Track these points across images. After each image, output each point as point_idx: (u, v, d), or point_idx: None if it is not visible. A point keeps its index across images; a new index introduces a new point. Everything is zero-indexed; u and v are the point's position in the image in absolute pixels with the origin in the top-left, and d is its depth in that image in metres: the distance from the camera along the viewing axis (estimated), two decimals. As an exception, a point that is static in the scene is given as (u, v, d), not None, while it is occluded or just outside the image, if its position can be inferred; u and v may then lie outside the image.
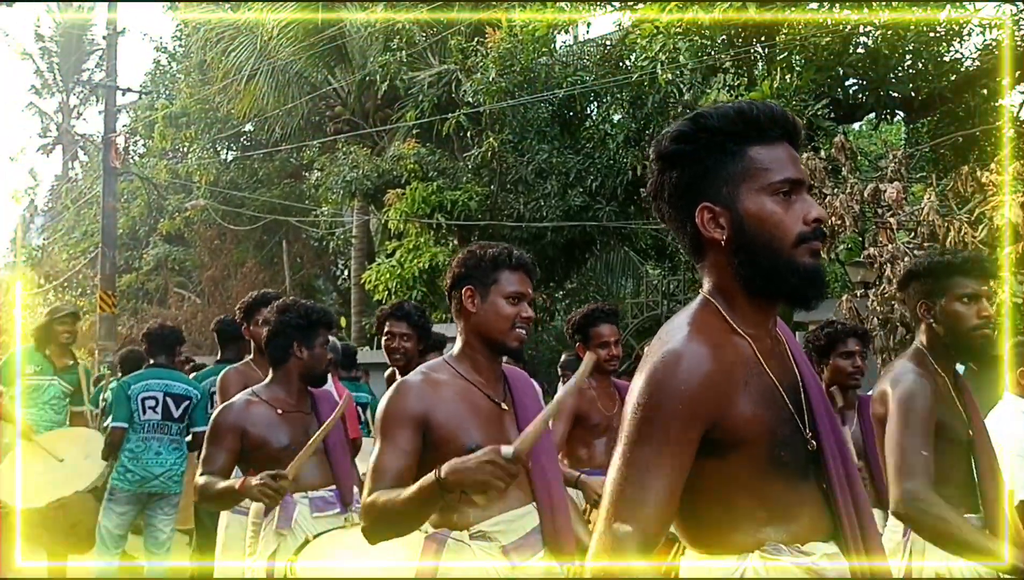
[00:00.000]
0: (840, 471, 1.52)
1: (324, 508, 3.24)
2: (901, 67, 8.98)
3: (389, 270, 11.31)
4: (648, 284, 12.00)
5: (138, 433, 5.17)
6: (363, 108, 15.20)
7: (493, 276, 2.43)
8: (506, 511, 2.34)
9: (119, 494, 5.17)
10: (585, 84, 10.39)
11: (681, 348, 1.42)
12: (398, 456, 2.25)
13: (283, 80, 14.86)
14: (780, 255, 1.43)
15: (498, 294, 2.42)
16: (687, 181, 1.48)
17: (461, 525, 2.30)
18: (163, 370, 5.35)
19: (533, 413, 2.49)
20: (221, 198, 17.44)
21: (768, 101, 1.50)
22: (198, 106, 17.74)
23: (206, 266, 18.57)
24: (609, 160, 10.42)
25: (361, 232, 15.35)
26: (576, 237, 10.85)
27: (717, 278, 1.51)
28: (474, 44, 11.31)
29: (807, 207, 1.44)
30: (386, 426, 2.29)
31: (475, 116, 11.05)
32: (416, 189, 10.99)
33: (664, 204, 1.53)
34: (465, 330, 2.46)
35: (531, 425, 2.07)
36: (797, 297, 1.48)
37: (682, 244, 1.54)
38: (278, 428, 3.26)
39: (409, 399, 2.31)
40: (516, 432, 2.42)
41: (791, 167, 1.45)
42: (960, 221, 6.28)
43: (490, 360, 2.47)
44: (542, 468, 2.45)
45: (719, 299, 1.50)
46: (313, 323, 3.35)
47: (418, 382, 2.36)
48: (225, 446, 3.21)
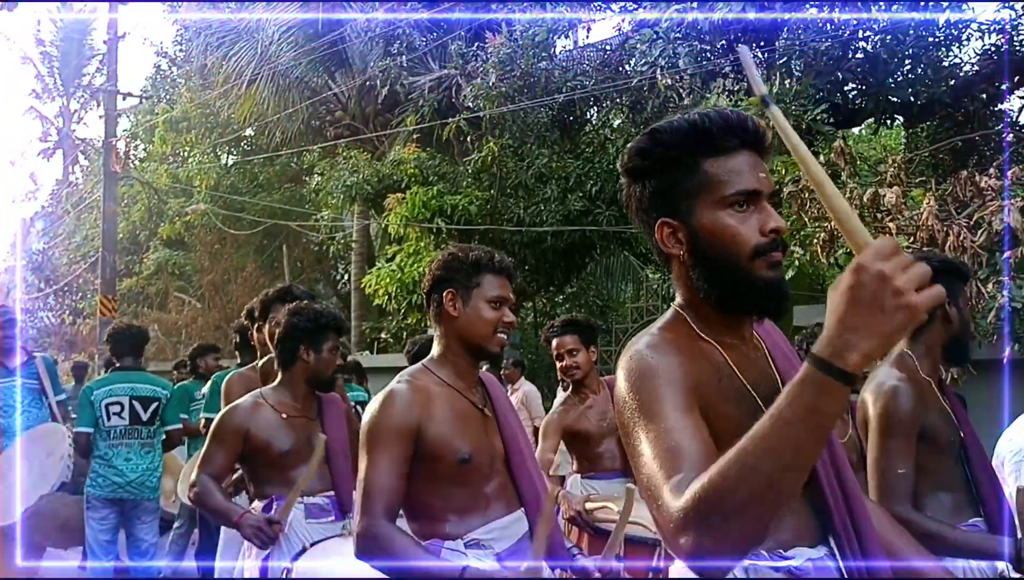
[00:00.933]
0: (830, 473, 1.51)
1: (319, 515, 3.23)
2: (900, 72, 8.99)
3: (389, 274, 11.31)
4: (648, 288, 12.00)
5: (105, 439, 5.05)
6: (363, 113, 15.22)
7: (476, 279, 2.40)
8: (497, 519, 2.34)
9: (94, 500, 5.08)
10: (585, 89, 10.40)
11: (648, 342, 1.44)
12: (390, 472, 2.19)
13: (283, 85, 14.88)
14: (737, 270, 1.41)
15: (480, 298, 2.39)
16: (649, 195, 1.48)
17: (454, 535, 2.28)
18: (129, 373, 5.19)
19: (512, 419, 2.50)
20: (221, 202, 17.45)
21: (726, 109, 1.47)
22: (198, 111, 17.76)
23: (206, 270, 18.57)
24: (609, 165, 10.43)
25: (361, 236, 15.36)
26: (576, 241, 10.86)
27: (683, 290, 1.53)
28: (474, 49, 11.33)
29: (764, 218, 1.41)
30: (376, 439, 2.22)
31: (475, 121, 11.06)
32: (416, 194, 11.00)
33: (635, 217, 1.53)
34: (445, 334, 2.42)
35: (540, 527, 2.15)
36: (759, 310, 1.47)
37: (656, 255, 1.53)
38: (281, 432, 3.26)
39: (399, 410, 2.25)
40: (499, 438, 2.42)
41: (748, 177, 1.42)
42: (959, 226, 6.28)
43: (470, 365, 2.44)
44: (528, 473, 2.44)
45: (688, 311, 1.51)
46: (322, 327, 3.32)
47: (406, 391, 2.30)
48: (227, 446, 3.21)
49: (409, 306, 11.34)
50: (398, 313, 12.23)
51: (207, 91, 17.37)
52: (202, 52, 16.32)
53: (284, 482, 3.22)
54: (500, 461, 2.40)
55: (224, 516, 3.17)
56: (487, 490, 2.34)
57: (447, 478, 2.28)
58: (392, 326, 12.99)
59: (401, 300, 11.27)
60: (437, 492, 2.29)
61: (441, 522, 2.29)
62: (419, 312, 11.46)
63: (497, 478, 2.38)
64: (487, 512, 2.32)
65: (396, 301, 11.37)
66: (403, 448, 2.22)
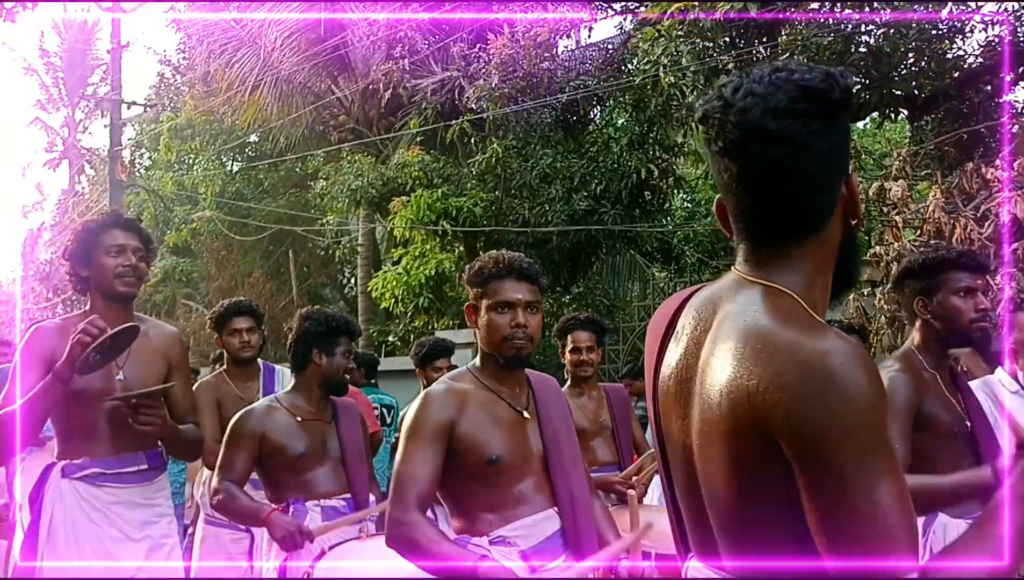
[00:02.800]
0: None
1: (335, 517, 3.26)
2: (904, 65, 8.96)
3: (395, 278, 11.32)
4: (655, 286, 11.98)
5: None
6: (367, 116, 15.23)
7: (483, 289, 2.50)
8: (526, 516, 2.37)
9: None
10: (588, 88, 10.40)
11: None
12: (423, 465, 2.30)
13: (287, 90, 14.90)
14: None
15: (486, 306, 2.48)
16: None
17: (482, 531, 2.35)
18: None
19: (557, 421, 2.53)
20: (227, 209, 17.48)
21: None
22: (203, 118, 17.80)
23: (213, 277, 18.60)
24: (613, 164, 10.42)
25: (367, 240, 15.38)
26: (582, 241, 10.85)
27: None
28: (476, 50, 11.34)
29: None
30: (413, 435, 2.34)
31: (478, 122, 11.07)
32: (421, 196, 11.01)
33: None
34: (481, 340, 2.52)
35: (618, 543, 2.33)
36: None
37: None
38: (296, 435, 3.29)
39: (434, 409, 2.36)
40: (539, 440, 2.46)
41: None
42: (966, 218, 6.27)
43: (505, 369, 2.50)
44: (565, 473, 2.47)
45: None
46: (332, 330, 3.39)
47: (443, 392, 2.41)
48: (244, 450, 3.25)
49: (416, 309, 11.35)
50: (405, 316, 12.23)
51: (211, 98, 17.40)
52: (205, 59, 16.36)
53: (300, 485, 3.27)
54: (538, 461, 2.47)
55: (252, 517, 3.20)
56: (519, 489, 2.41)
57: (477, 477, 2.38)
58: (399, 329, 13.00)
59: (408, 303, 11.27)
60: (469, 490, 2.40)
61: (474, 519, 2.39)
62: (426, 315, 11.47)
63: (532, 478, 2.44)
64: (516, 511, 2.39)
65: (403, 304, 11.38)
66: (436, 444, 2.32)
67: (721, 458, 1.27)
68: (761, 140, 1.26)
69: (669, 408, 1.42)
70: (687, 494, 1.41)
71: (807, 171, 1.27)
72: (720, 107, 1.30)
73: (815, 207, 1.30)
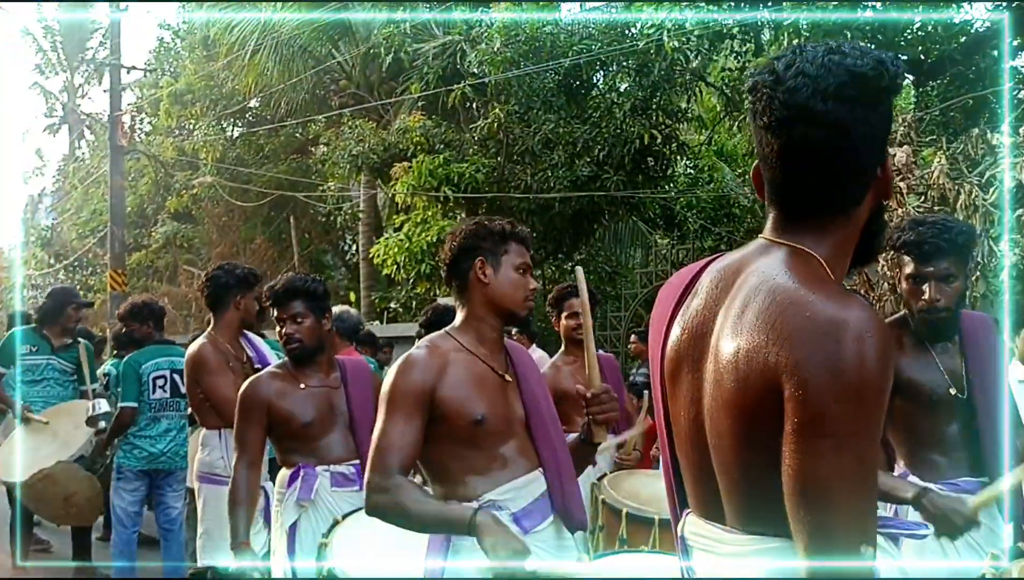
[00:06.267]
0: None
1: (343, 484, 3.28)
2: (910, 29, 8.87)
3: (397, 244, 11.29)
4: (657, 253, 11.96)
5: (146, 412, 5.16)
6: (368, 81, 15.12)
7: (504, 247, 2.47)
8: (514, 479, 2.38)
9: (127, 471, 5.19)
10: (591, 53, 10.30)
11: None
12: (404, 432, 2.27)
13: (287, 55, 14.76)
14: None
15: (509, 265, 2.47)
16: None
17: (469, 496, 2.33)
18: (167, 346, 5.34)
19: (534, 384, 2.55)
20: (228, 175, 17.41)
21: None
22: (203, 83, 17.65)
23: (215, 243, 18.59)
24: (616, 129, 10.35)
25: (368, 206, 15.33)
26: (584, 207, 10.81)
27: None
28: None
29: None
30: (391, 400, 2.30)
31: (480, 87, 10.98)
32: (423, 162, 10.95)
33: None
34: (471, 301, 2.48)
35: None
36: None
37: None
38: (303, 403, 3.31)
39: (415, 373, 2.32)
40: (519, 403, 2.48)
41: None
42: (971, 184, 6.24)
43: (496, 331, 2.51)
44: (547, 434, 2.49)
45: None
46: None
47: (423, 355, 2.37)
48: (254, 421, 3.30)
49: (418, 276, 11.33)
50: (407, 283, 12.23)
51: (211, 63, 17.27)
52: (204, 23, 16.21)
53: (310, 451, 3.30)
54: (519, 424, 2.47)
55: (234, 529, 3.22)
56: (503, 451, 2.40)
57: (463, 439, 2.35)
58: (401, 296, 13.00)
59: (410, 269, 11.26)
60: (454, 453, 2.37)
61: (459, 483, 2.36)
62: (428, 281, 11.45)
63: (515, 440, 2.44)
64: (503, 473, 2.38)
65: (404, 270, 11.36)
66: (416, 409, 2.29)
67: (730, 408, 1.30)
68: (807, 121, 1.28)
69: (679, 366, 1.44)
70: (693, 451, 1.43)
71: (848, 155, 1.30)
72: (771, 82, 1.32)
73: (851, 188, 1.34)
